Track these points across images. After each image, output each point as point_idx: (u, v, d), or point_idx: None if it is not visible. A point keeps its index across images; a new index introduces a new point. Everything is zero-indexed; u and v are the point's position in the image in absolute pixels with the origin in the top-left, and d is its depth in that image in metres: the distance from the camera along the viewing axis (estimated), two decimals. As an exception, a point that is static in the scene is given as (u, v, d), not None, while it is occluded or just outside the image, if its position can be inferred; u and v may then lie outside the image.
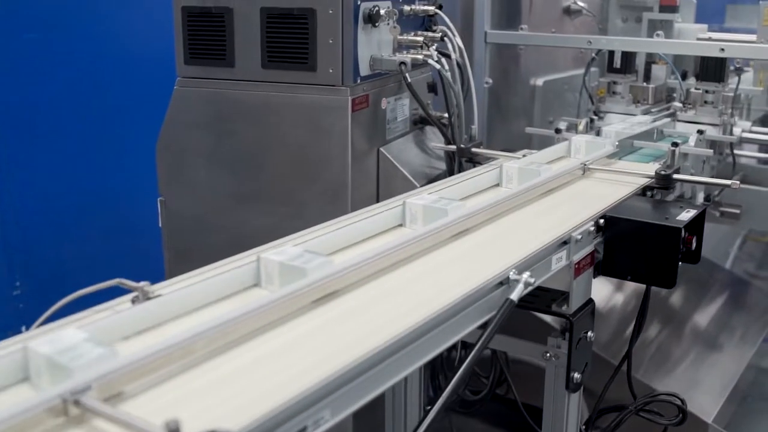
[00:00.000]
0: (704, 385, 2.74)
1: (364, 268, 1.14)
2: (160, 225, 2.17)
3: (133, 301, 1.10)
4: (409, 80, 1.93)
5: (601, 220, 1.60)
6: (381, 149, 2.04)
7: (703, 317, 3.10)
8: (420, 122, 2.22)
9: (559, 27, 3.10)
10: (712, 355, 2.90)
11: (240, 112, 2.01)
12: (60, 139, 2.37)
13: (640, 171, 1.89)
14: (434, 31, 2.16)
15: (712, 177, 2.70)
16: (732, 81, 2.49)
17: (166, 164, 2.14)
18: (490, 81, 2.66)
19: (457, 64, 2.14)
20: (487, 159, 2.06)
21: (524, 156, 1.96)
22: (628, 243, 1.60)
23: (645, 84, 2.60)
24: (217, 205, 2.10)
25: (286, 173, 2.00)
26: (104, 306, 1.10)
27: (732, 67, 2.92)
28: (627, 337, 2.86)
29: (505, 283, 1.29)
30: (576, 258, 1.52)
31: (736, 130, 2.65)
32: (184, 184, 2.13)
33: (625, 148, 2.12)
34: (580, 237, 1.51)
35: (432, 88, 2.17)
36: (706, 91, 2.43)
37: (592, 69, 2.79)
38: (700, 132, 2.25)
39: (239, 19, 1.95)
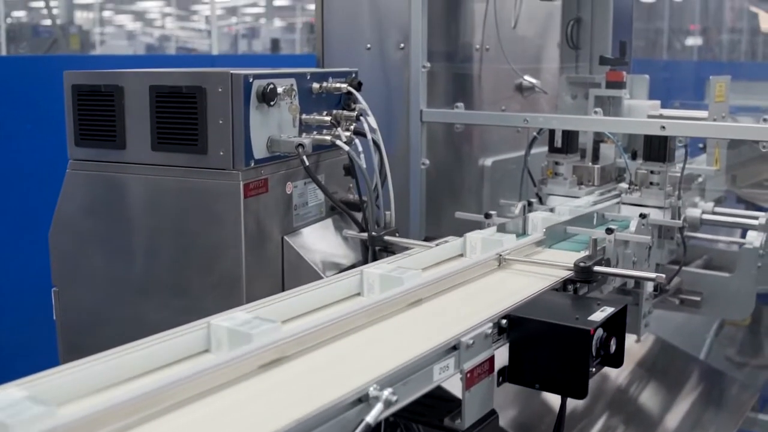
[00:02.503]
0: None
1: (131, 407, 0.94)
2: (54, 317, 2.00)
3: None
4: (308, 163, 1.78)
5: (504, 321, 1.42)
6: (285, 237, 1.87)
7: (673, 416, 2.86)
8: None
9: (510, 104, 2.98)
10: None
11: (132, 197, 1.86)
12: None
13: (563, 262, 1.71)
14: (352, 110, 2.02)
15: (669, 263, 2.53)
16: (680, 161, 2.33)
17: (60, 252, 1.98)
18: (427, 162, 2.50)
19: (375, 144, 2.00)
20: (403, 248, 1.89)
21: (437, 245, 1.79)
22: (535, 347, 1.41)
23: (590, 164, 2.44)
24: (112, 296, 1.93)
25: (180, 263, 1.83)
26: None
27: (698, 146, 2.77)
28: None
29: (364, 400, 1.11)
30: (467, 366, 1.32)
31: (695, 212, 2.47)
32: (78, 273, 1.96)
33: (557, 235, 1.94)
34: (472, 341, 1.32)
35: (348, 171, 2.01)
36: (652, 172, 2.26)
37: (543, 148, 2.64)
38: (642, 216, 2.07)
39: (130, 98, 1.82)
